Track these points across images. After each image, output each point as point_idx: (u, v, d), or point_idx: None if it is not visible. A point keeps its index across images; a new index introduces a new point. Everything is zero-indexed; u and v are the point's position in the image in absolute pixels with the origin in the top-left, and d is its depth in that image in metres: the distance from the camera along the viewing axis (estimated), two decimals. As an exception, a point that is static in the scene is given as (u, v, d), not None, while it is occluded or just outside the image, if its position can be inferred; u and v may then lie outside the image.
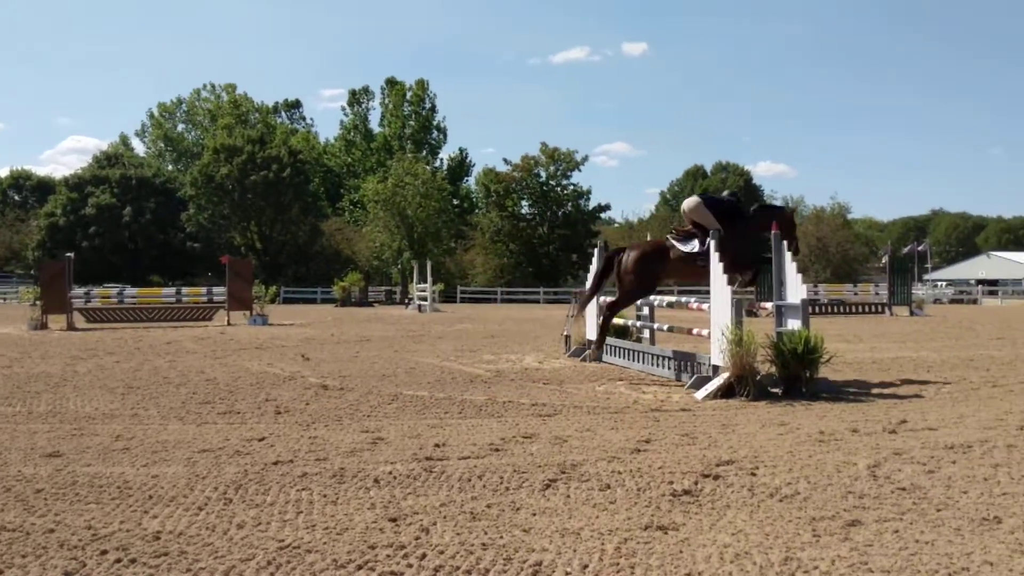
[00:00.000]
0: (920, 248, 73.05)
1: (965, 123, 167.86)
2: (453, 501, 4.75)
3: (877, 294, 34.04)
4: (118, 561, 3.76)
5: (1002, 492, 4.89)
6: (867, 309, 32.48)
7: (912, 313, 31.30)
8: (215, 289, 25.79)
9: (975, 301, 56.70)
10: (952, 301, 57.72)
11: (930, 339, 17.91)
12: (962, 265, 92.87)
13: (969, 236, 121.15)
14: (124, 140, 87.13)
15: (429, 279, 35.09)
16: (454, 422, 7.43)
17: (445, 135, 72.13)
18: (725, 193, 11.86)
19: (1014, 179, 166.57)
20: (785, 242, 9.67)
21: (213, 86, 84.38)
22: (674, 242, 11.21)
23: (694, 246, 10.89)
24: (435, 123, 71.69)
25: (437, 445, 6.31)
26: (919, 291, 48.94)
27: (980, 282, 70.74)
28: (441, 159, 71.74)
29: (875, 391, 9.49)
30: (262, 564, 3.70)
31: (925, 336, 18.92)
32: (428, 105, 71.40)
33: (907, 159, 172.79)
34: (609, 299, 12.02)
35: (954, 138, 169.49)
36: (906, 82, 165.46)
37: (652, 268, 11.23)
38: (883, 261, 36.10)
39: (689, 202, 11.41)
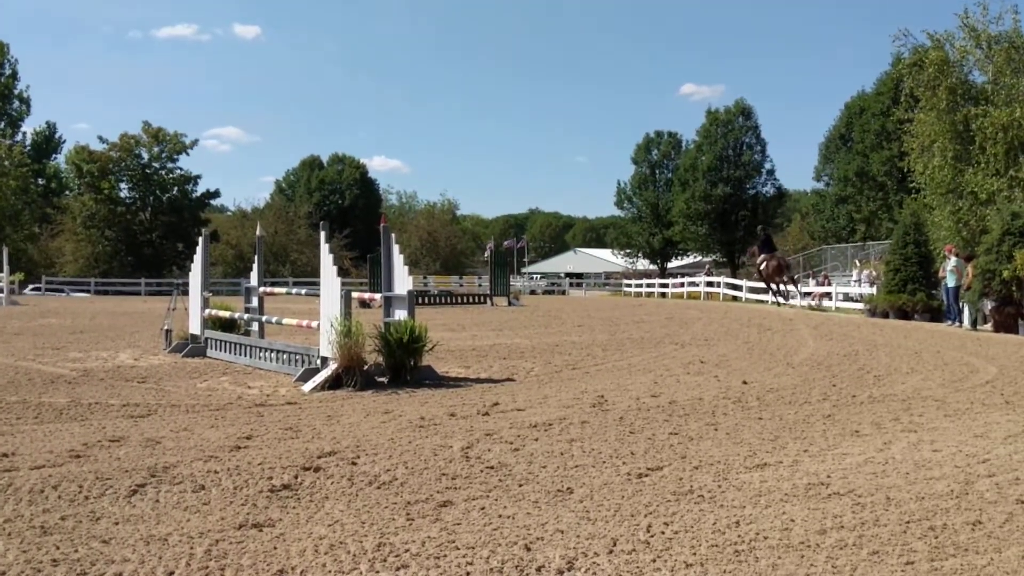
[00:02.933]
0: (519, 244, 79.34)
1: (556, 131, 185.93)
2: (21, 516, 4.22)
3: (480, 285, 36.48)
4: None
5: (575, 465, 5.43)
6: (472, 300, 34.66)
7: (510, 303, 33.94)
8: None
9: (564, 292, 62.94)
10: (545, 292, 63.48)
11: (524, 327, 19.53)
12: (554, 260, 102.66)
13: (560, 233, 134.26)
14: None
15: (6, 268, 31.06)
16: (28, 428, 6.61)
17: (28, 106, 64.04)
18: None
19: (596, 184, 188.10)
20: None
21: None
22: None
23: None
24: (16, 92, 63.40)
25: (4, 455, 5.57)
26: (517, 283, 53.27)
27: (568, 275, 78.72)
28: (24, 132, 63.63)
29: (473, 376, 10.11)
30: None
31: (520, 324, 20.59)
32: (8, 71, 62.92)
33: (508, 162, 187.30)
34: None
35: (548, 144, 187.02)
36: (508, 90, 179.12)
37: None
38: (486, 255, 38.74)
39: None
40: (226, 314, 12.44)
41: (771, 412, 7.54)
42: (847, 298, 29.55)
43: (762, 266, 26.83)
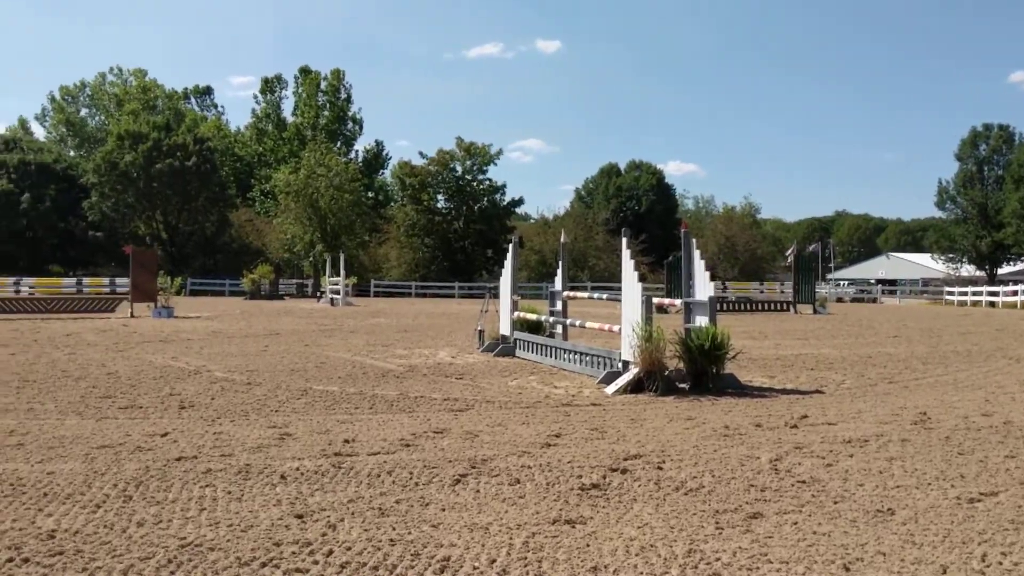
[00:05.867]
0: (824, 248, 75.29)
1: (864, 127, 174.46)
2: (361, 497, 4.70)
3: (782, 292, 35.07)
4: (10, 560, 3.60)
5: (896, 485, 5.09)
6: (773, 307, 33.46)
7: (815, 311, 32.35)
8: (118, 280, 24.97)
9: (875, 300, 58.97)
10: (853, 300, 59.92)
11: (832, 336, 18.55)
12: (863, 265, 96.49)
13: (870, 237, 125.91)
14: (23, 124, 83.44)
15: (342, 272, 34.65)
16: (364, 417, 7.36)
17: (361, 126, 71.29)
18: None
19: (911, 182, 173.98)
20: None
21: (120, 70, 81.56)
22: None
23: None
24: (351, 114, 70.72)
25: (347, 441, 6.24)
26: (822, 290, 50.64)
27: (880, 281, 73.70)
28: (356, 151, 70.87)
29: (778, 387, 9.78)
30: (162, 563, 3.59)
31: (827, 333, 19.58)
32: (343, 95, 70.37)
33: (813, 162, 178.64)
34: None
35: (854, 141, 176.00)
36: (809, 86, 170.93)
37: None
38: (788, 260, 37.21)
39: None
40: (533, 316, 13.02)
41: None
42: None
43: None
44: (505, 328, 13.33)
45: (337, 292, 34.61)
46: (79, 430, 6.59)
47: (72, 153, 76.29)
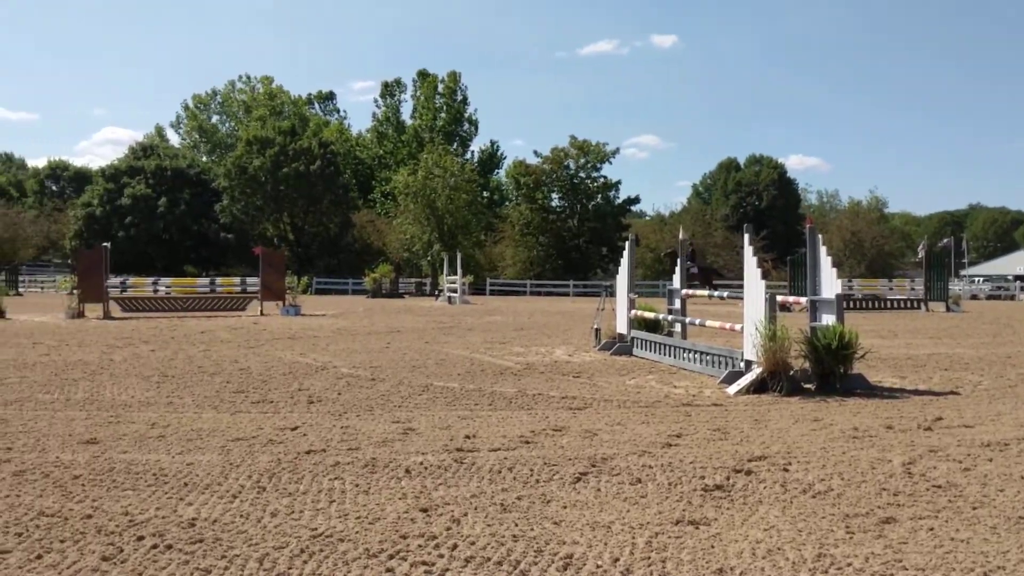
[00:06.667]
0: (957, 243, 71.72)
1: (999, 115, 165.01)
2: (484, 492, 4.76)
3: (913, 289, 33.55)
4: (154, 547, 3.81)
5: (1040, 491, 4.81)
6: (902, 305, 32.05)
7: (948, 309, 30.83)
8: (249, 279, 26.01)
9: (1013, 297, 55.78)
10: (989, 297, 56.82)
11: (967, 336, 17.65)
12: (1000, 260, 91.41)
13: (1008, 231, 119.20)
14: (159, 131, 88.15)
15: (459, 271, 35.12)
16: (484, 414, 7.44)
17: (477, 127, 72.22)
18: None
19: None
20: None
21: (248, 77, 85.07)
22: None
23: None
24: (467, 115, 71.73)
25: (468, 436, 6.33)
26: (956, 287, 48.19)
27: (1019, 278, 69.60)
28: (472, 151, 71.81)
29: (910, 388, 9.38)
30: (295, 552, 3.73)
31: (962, 332, 18.65)
32: (460, 97, 71.44)
33: (944, 153, 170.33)
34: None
35: (989, 130, 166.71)
36: (939, 75, 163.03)
37: None
38: (920, 255, 35.60)
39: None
40: (651, 315, 12.88)
41: None
42: None
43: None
44: (622, 326, 13.24)
45: (454, 290, 35.11)
46: (215, 423, 6.92)
47: (204, 158, 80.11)
